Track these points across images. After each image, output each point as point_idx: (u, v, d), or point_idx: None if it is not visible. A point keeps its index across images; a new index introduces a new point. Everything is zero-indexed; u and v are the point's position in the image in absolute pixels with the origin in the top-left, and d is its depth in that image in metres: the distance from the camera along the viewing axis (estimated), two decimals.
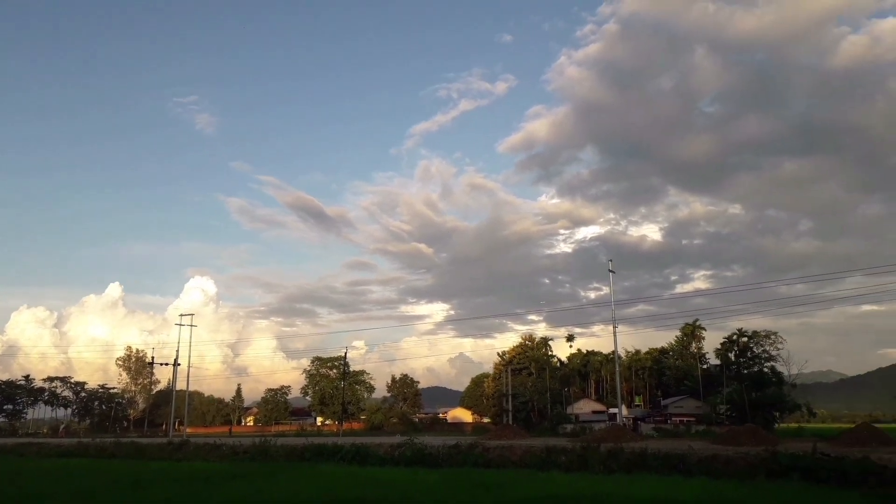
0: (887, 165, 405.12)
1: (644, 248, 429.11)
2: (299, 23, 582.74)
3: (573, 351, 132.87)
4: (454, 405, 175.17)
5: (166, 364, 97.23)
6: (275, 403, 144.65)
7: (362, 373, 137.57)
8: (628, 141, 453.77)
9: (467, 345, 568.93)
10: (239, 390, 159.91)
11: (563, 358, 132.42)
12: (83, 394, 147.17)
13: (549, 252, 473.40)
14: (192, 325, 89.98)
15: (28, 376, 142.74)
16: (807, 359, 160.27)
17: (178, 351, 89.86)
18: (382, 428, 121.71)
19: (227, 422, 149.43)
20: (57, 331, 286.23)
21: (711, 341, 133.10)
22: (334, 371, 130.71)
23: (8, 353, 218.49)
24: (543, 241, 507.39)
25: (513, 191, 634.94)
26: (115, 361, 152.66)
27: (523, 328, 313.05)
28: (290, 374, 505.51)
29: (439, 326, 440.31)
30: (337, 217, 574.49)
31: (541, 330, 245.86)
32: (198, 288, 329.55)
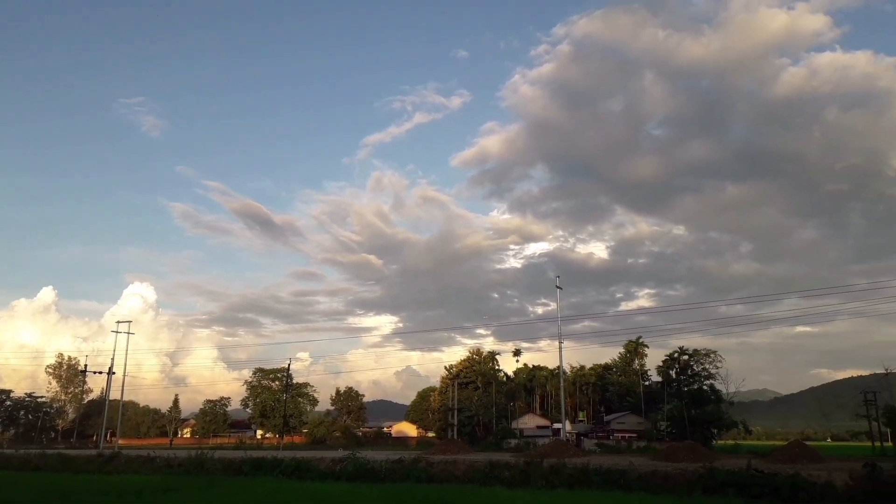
0: (822, 192, 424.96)
1: (591, 266, 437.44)
2: (253, 29, 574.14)
3: (520, 365, 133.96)
4: (399, 419, 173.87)
5: (100, 372, 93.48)
6: (214, 415, 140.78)
7: (306, 385, 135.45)
8: (578, 160, 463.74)
9: (415, 358, 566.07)
10: (176, 401, 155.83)
11: (510, 372, 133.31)
12: (8, 402, 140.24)
13: (499, 267, 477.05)
14: (129, 333, 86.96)
15: None
16: (744, 377, 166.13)
17: (113, 359, 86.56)
18: (325, 442, 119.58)
19: (163, 433, 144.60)
20: None
21: (654, 358, 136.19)
22: (277, 383, 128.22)
23: None
24: (494, 255, 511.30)
25: (465, 205, 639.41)
26: (45, 369, 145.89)
27: (471, 342, 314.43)
28: (230, 386, 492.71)
29: (387, 339, 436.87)
30: (285, 225, 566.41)
31: (489, 344, 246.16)
32: (137, 294, 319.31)
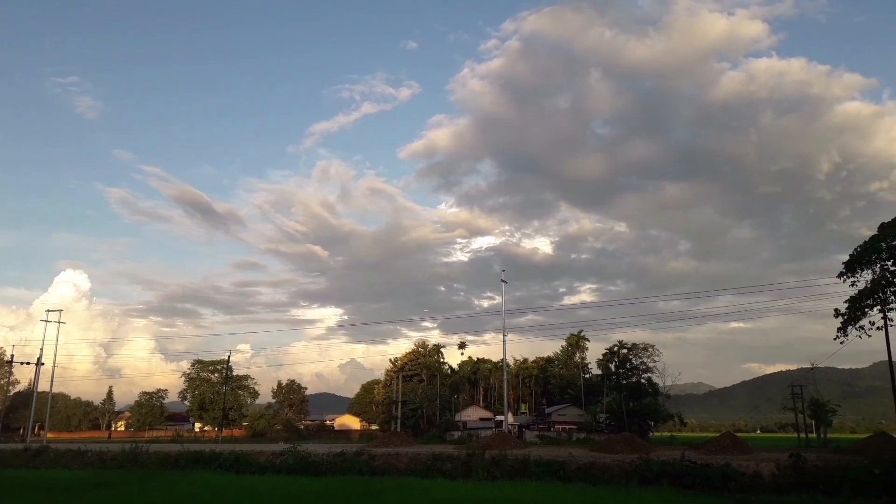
0: (757, 194, 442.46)
1: (536, 260, 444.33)
2: (197, 6, 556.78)
3: (464, 358, 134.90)
4: (342, 412, 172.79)
5: (28, 363, 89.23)
6: (150, 407, 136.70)
7: (246, 377, 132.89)
8: (525, 156, 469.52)
9: (359, 351, 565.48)
10: (110, 393, 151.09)
11: (455, 365, 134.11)
12: None
13: (446, 260, 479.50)
14: (59, 322, 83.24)
15: None
16: (680, 371, 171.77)
17: (42, 349, 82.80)
18: (265, 435, 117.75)
19: (96, 426, 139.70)
20: None
21: (595, 352, 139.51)
22: (216, 375, 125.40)
23: None
24: (441, 249, 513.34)
25: (413, 197, 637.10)
26: None
27: (417, 335, 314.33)
28: (168, 378, 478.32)
29: (331, 331, 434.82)
30: (226, 214, 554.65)
31: (434, 337, 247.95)
32: (69, 282, 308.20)
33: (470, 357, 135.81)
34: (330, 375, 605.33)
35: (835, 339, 41.70)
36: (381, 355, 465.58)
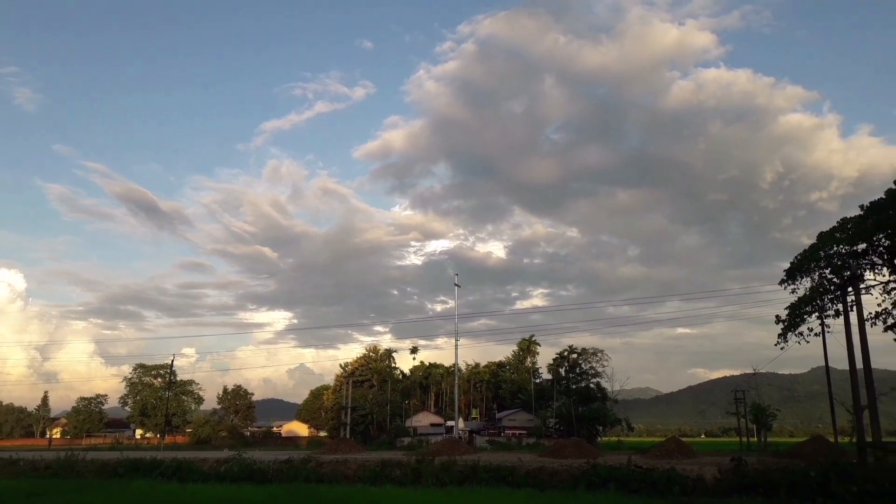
0: (705, 201, 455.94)
1: (489, 265, 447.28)
2: (145, 1, 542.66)
3: (416, 363, 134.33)
4: (290, 418, 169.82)
5: None
6: (88, 414, 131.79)
7: (191, 382, 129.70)
8: (480, 159, 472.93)
9: (309, 355, 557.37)
10: (45, 398, 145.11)
11: (407, 370, 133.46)
12: None
13: (399, 263, 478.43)
14: None
15: None
16: (628, 376, 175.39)
17: None
18: (210, 442, 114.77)
19: (29, 433, 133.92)
20: None
21: (546, 356, 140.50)
22: (159, 380, 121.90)
23: None
24: (395, 251, 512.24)
25: (366, 199, 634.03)
26: None
27: (369, 339, 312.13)
28: (108, 383, 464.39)
29: (280, 335, 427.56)
30: (173, 213, 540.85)
31: (386, 341, 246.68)
32: (3, 282, 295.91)
33: (422, 362, 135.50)
34: (278, 381, 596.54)
35: (776, 344, 42.82)
36: (331, 360, 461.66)
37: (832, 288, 38.79)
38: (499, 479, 25.43)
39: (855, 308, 36.59)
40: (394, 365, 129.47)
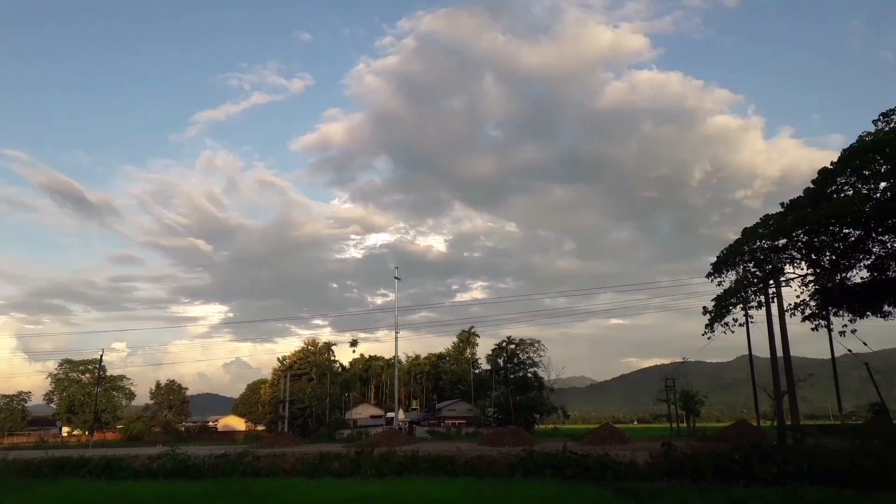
0: (637, 198, 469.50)
1: (430, 258, 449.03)
2: None
3: (356, 356, 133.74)
4: (227, 413, 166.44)
5: None
6: (9, 412, 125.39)
7: (122, 378, 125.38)
8: (421, 154, 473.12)
9: (245, 349, 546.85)
10: None
11: (346, 363, 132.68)
12: None
13: (339, 257, 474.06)
14: None
15: None
16: (564, 365, 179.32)
17: None
18: (142, 438, 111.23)
19: None
20: None
21: (485, 347, 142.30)
22: (87, 375, 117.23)
23: None
24: (334, 245, 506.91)
25: (305, 191, 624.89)
26: None
27: (308, 333, 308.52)
28: (31, 379, 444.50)
29: (215, 329, 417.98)
30: (101, 204, 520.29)
31: (326, 335, 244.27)
32: None
33: (362, 355, 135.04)
34: (213, 375, 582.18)
35: (703, 334, 44.56)
36: (268, 354, 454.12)
37: (755, 281, 40.62)
38: (438, 468, 25.65)
39: (776, 300, 38.46)
40: (333, 358, 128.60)
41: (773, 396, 41.64)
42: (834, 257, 38.76)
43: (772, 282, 38.57)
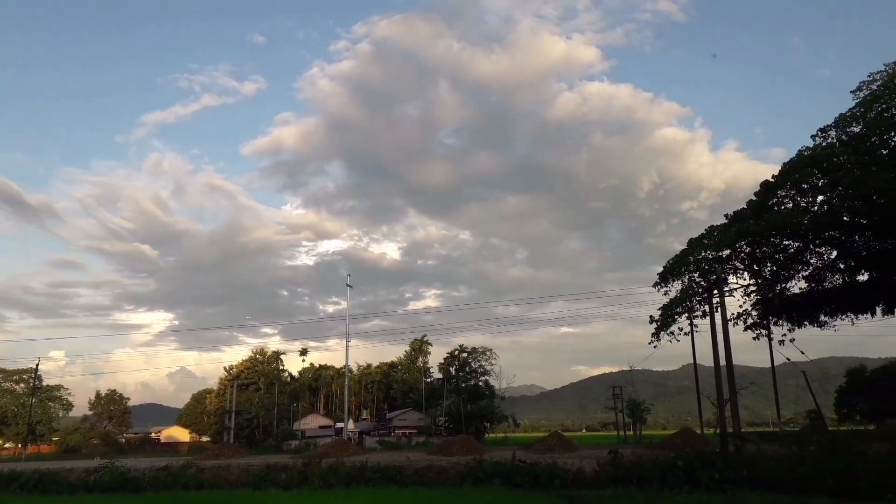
0: (587, 208, 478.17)
1: (383, 266, 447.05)
2: None
3: (306, 365, 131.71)
4: (170, 424, 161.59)
5: None
6: None
7: (59, 387, 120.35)
8: (375, 161, 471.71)
9: (191, 358, 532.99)
10: None
11: (296, 372, 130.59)
12: None
13: (290, 263, 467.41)
14: None
15: None
16: (515, 374, 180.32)
17: None
18: (80, 451, 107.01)
19: None
20: None
21: (437, 356, 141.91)
22: (21, 385, 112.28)
23: None
24: (285, 251, 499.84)
25: (255, 196, 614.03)
26: None
27: (256, 341, 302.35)
28: None
29: (159, 337, 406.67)
30: (40, 206, 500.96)
31: (275, 343, 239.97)
32: None
33: (312, 364, 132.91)
34: (157, 385, 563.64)
35: (650, 343, 45.23)
36: (214, 363, 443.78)
37: (700, 290, 41.60)
38: (387, 478, 25.42)
39: (720, 309, 39.52)
40: (282, 367, 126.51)
41: (715, 404, 42.70)
42: (774, 268, 40.01)
43: (716, 291, 39.62)
